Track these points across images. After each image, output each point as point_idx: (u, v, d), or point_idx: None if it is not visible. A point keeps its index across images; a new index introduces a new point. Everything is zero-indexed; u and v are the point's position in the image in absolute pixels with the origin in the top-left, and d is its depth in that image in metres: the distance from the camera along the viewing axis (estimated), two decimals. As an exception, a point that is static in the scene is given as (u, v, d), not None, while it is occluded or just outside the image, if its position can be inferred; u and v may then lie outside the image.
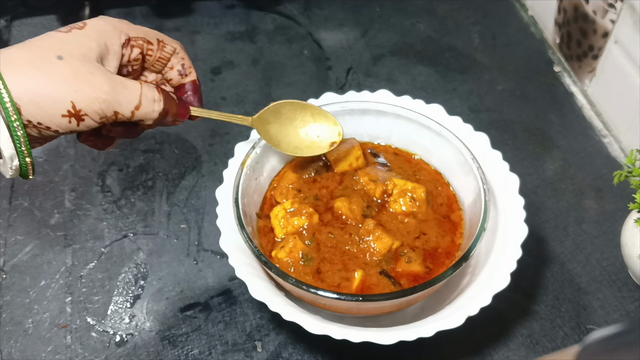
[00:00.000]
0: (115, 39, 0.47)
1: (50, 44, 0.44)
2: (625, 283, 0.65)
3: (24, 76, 0.42)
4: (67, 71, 0.43)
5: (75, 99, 0.43)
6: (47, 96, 0.43)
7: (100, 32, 0.46)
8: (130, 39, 0.48)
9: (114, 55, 0.47)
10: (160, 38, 0.51)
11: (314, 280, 0.55)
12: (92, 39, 0.46)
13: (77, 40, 0.45)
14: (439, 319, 0.52)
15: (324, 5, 0.96)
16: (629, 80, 0.72)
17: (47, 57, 0.43)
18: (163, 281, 0.65)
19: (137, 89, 0.47)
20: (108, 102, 0.45)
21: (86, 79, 0.44)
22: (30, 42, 0.45)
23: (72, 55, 0.44)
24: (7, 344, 0.60)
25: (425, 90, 0.84)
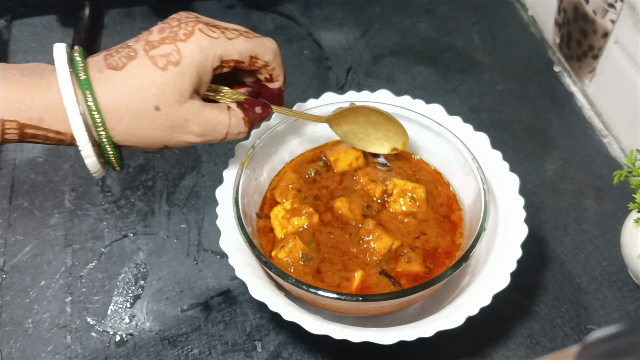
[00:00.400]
0: (208, 69, 0.48)
1: (149, 89, 0.46)
2: (625, 283, 0.65)
3: (124, 126, 0.46)
4: (163, 122, 0.47)
5: (168, 143, 0.49)
6: (143, 140, 0.48)
7: (195, 67, 0.47)
8: (223, 61, 0.49)
9: (206, 80, 0.49)
10: (254, 54, 0.50)
11: (313, 280, 0.55)
12: (188, 77, 0.47)
13: (172, 83, 0.46)
14: (439, 319, 0.52)
15: (324, 5, 0.96)
16: (629, 80, 0.72)
17: (146, 107, 0.46)
18: (163, 281, 0.65)
19: (225, 125, 0.50)
20: (197, 141, 0.50)
21: (180, 128, 0.48)
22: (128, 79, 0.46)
23: (167, 104, 0.46)
24: (7, 344, 0.60)
25: (425, 90, 0.84)
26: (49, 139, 0.46)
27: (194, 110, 0.48)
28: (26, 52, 0.87)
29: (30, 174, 0.73)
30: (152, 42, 0.47)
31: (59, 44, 0.47)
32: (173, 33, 0.48)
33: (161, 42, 0.47)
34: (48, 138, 0.45)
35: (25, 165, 0.74)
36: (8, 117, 0.44)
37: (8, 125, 0.44)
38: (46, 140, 0.46)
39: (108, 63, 0.47)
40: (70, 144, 0.47)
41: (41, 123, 0.44)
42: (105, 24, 0.92)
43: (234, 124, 0.51)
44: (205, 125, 0.49)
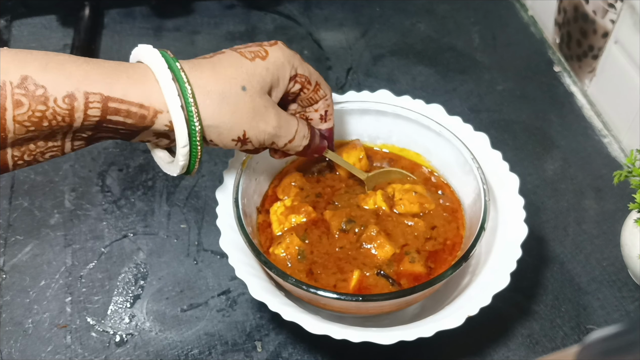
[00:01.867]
0: (286, 73, 0.52)
1: (237, 72, 0.49)
2: (625, 283, 0.65)
3: (210, 101, 0.47)
4: (247, 104, 0.49)
5: (247, 129, 0.49)
6: (226, 122, 0.48)
7: (277, 66, 0.51)
8: (297, 75, 0.53)
9: (282, 87, 0.52)
10: (319, 81, 0.55)
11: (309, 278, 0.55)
12: (270, 72, 0.51)
13: (258, 72, 0.50)
14: (439, 319, 0.52)
15: (324, 5, 0.96)
16: (629, 80, 0.72)
17: (233, 85, 0.48)
18: (163, 281, 0.65)
19: (295, 125, 0.53)
20: (272, 135, 0.51)
21: (261, 114, 0.50)
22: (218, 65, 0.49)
23: (253, 88, 0.49)
24: (7, 344, 0.60)
25: (425, 90, 0.84)
26: (131, 114, 0.45)
27: (272, 103, 0.51)
28: (26, 52, 0.87)
29: (30, 174, 0.73)
30: (239, 47, 0.51)
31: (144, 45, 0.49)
32: (258, 43, 0.52)
33: (248, 46, 0.52)
34: (130, 114, 0.45)
35: (25, 165, 0.74)
36: (91, 90, 0.43)
37: (92, 99, 0.43)
38: (127, 117, 0.45)
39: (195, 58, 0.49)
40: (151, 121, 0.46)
41: (125, 96, 0.44)
42: (105, 24, 0.92)
43: (301, 127, 0.53)
44: (280, 118, 0.51)
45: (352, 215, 0.59)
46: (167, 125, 0.46)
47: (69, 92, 0.42)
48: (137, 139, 0.48)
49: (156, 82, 0.45)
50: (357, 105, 0.64)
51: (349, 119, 0.65)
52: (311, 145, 0.55)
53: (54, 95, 0.42)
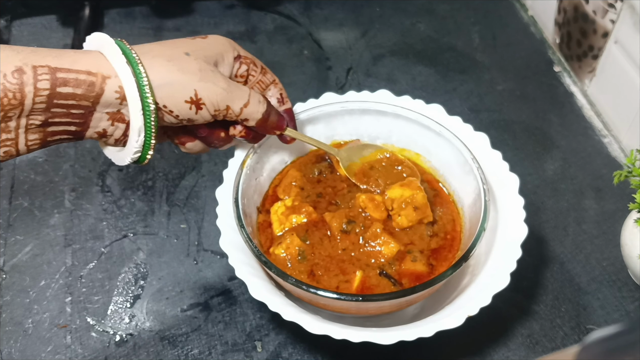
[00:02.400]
0: (229, 51, 0.54)
1: (179, 44, 0.51)
2: (625, 283, 0.65)
3: (158, 63, 0.49)
4: (193, 65, 0.50)
5: (198, 88, 0.50)
6: (176, 81, 0.49)
7: (218, 44, 0.53)
8: (240, 55, 0.55)
9: (227, 65, 0.54)
10: (264, 66, 0.57)
11: (310, 278, 0.55)
12: (212, 48, 0.53)
13: (200, 45, 0.52)
14: (439, 319, 0.52)
15: (324, 5, 0.96)
16: (629, 80, 0.72)
17: (177, 51, 0.50)
18: (163, 281, 0.65)
19: (247, 90, 0.53)
20: (223, 95, 0.51)
21: (208, 73, 0.50)
22: (162, 42, 0.51)
23: (197, 54, 0.51)
24: (7, 344, 0.60)
25: (425, 90, 0.84)
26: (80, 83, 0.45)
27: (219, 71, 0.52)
28: (26, 52, 0.87)
29: (30, 174, 0.73)
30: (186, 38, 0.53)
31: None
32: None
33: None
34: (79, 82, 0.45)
35: (25, 165, 0.74)
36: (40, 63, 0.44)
37: (40, 71, 0.44)
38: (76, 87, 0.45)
39: None
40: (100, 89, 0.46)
41: (73, 65, 0.45)
42: (105, 24, 0.92)
43: (255, 93, 0.54)
44: (230, 83, 0.52)
45: (352, 215, 0.59)
46: (118, 91, 0.47)
47: (17, 66, 0.43)
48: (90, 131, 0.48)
49: (101, 54, 0.47)
50: (357, 105, 0.64)
51: (349, 119, 0.65)
52: (270, 115, 0.55)
53: (3, 71, 0.43)
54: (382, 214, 0.59)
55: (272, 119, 0.55)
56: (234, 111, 0.52)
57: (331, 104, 0.64)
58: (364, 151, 0.64)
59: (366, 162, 0.63)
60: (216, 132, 0.55)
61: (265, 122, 0.55)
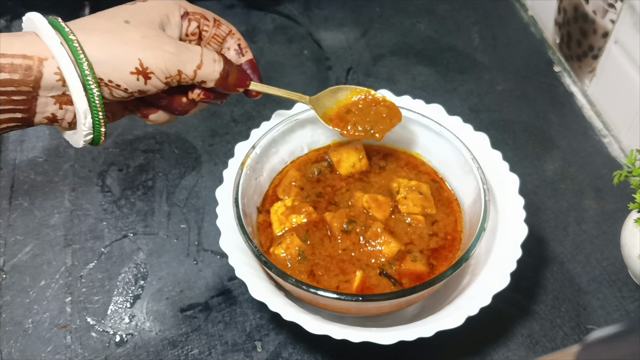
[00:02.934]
0: (175, 10, 0.50)
1: (118, 12, 0.48)
2: (625, 283, 0.64)
3: (95, 37, 0.46)
4: (134, 33, 0.47)
5: (142, 57, 0.46)
6: (117, 54, 0.46)
7: (162, 4, 0.50)
8: (188, 12, 0.52)
9: (175, 25, 0.51)
10: (217, 18, 0.53)
11: (310, 278, 0.55)
12: (155, 9, 0.49)
13: (141, 9, 0.49)
14: (439, 319, 0.52)
15: (324, 5, 0.96)
16: (629, 80, 0.72)
17: (116, 22, 0.47)
18: (163, 281, 0.65)
19: (199, 50, 0.50)
20: (172, 60, 0.48)
21: (152, 39, 0.47)
22: (99, 12, 0.49)
23: (138, 20, 0.48)
24: (7, 344, 0.60)
25: (425, 90, 0.84)
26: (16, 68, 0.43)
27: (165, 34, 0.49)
28: (26, 52, 0.87)
29: (30, 174, 0.73)
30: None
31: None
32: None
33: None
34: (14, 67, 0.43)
35: (25, 165, 0.74)
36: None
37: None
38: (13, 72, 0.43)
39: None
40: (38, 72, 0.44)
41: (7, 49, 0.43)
42: (105, 24, 0.92)
43: (207, 52, 0.50)
44: (178, 45, 0.48)
45: (352, 215, 0.59)
46: (57, 72, 0.45)
47: None
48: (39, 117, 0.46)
49: (37, 36, 0.45)
50: (357, 105, 0.64)
51: (349, 119, 0.65)
52: (229, 73, 0.52)
53: None
54: (384, 213, 0.59)
55: (232, 77, 0.52)
56: (188, 75, 0.49)
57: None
58: (338, 94, 0.61)
59: (342, 106, 0.61)
60: (176, 99, 0.52)
61: (225, 81, 0.52)
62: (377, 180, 0.63)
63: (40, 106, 0.46)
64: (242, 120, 0.79)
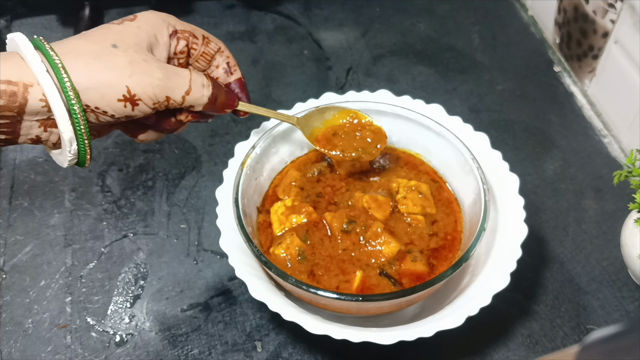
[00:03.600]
0: (163, 30, 0.49)
1: (105, 35, 0.47)
2: (625, 283, 0.65)
3: (82, 63, 0.45)
4: (122, 58, 0.46)
5: (130, 84, 0.46)
6: (103, 81, 0.45)
7: (150, 24, 0.49)
8: (177, 30, 0.51)
9: (163, 45, 0.50)
10: (206, 35, 0.53)
11: (310, 278, 0.55)
12: (143, 30, 0.48)
13: (129, 31, 0.48)
14: (439, 319, 0.52)
15: (324, 5, 0.96)
16: (629, 80, 0.72)
17: (103, 45, 0.46)
18: (163, 281, 0.65)
19: (187, 75, 0.49)
20: (161, 87, 0.47)
21: (140, 65, 0.46)
22: (87, 33, 0.47)
23: (126, 44, 0.47)
24: (7, 344, 0.60)
25: (425, 90, 0.84)
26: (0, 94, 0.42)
27: (153, 58, 0.48)
28: (26, 52, 0.87)
29: (30, 174, 0.73)
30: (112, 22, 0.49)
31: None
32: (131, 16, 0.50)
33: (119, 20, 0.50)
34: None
35: (25, 165, 0.74)
36: None
37: None
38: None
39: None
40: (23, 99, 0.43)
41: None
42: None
43: (196, 77, 0.49)
44: (167, 70, 0.48)
45: (352, 215, 0.59)
46: (42, 99, 0.44)
47: None
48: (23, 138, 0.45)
49: (22, 59, 0.44)
50: (357, 105, 0.64)
51: (349, 119, 0.65)
52: (218, 97, 0.51)
53: None
54: (384, 213, 0.59)
55: (221, 100, 0.52)
56: (176, 101, 0.48)
57: (331, 104, 0.64)
58: (325, 114, 0.61)
59: (329, 127, 0.61)
60: (165, 120, 0.51)
61: (214, 105, 0.51)
62: (377, 180, 0.63)
63: (24, 129, 0.45)
64: (242, 120, 0.79)
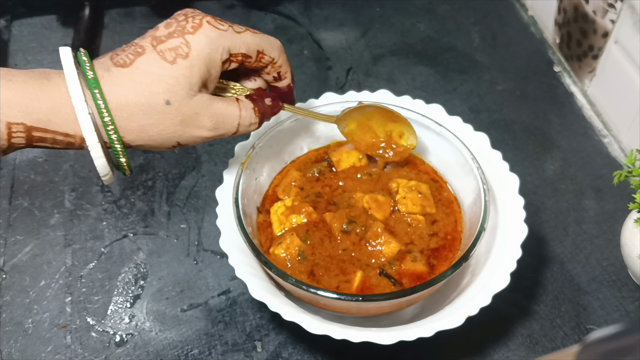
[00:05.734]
0: (217, 60, 0.48)
1: (158, 84, 0.45)
2: (625, 283, 0.65)
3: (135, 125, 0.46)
4: (174, 117, 0.46)
5: (180, 139, 0.48)
6: (154, 139, 0.47)
7: (203, 58, 0.47)
8: (231, 55, 0.49)
9: (215, 75, 0.49)
10: (261, 49, 0.50)
11: (310, 278, 0.55)
12: (196, 70, 0.46)
13: (181, 76, 0.46)
14: (439, 319, 0.52)
15: (324, 5, 0.96)
16: (629, 80, 0.72)
17: (155, 101, 0.45)
18: (163, 281, 0.65)
19: (236, 117, 0.50)
20: (209, 136, 0.49)
21: (191, 121, 0.47)
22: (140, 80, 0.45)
23: (179, 98, 0.46)
24: (7, 344, 0.60)
25: (425, 90, 0.84)
26: (57, 142, 0.45)
27: (204, 103, 0.48)
28: (26, 52, 0.87)
29: (30, 174, 0.73)
30: (160, 37, 0.47)
31: (64, 47, 0.47)
32: (180, 27, 0.47)
33: (169, 37, 0.47)
34: (56, 141, 0.45)
35: (25, 165, 0.74)
36: (14, 120, 0.43)
37: (15, 129, 0.43)
38: (54, 144, 0.45)
39: (115, 62, 0.46)
40: (80, 147, 0.46)
41: (49, 125, 0.44)
42: (105, 24, 0.92)
43: (245, 116, 0.50)
44: (217, 118, 0.48)
45: (352, 215, 0.59)
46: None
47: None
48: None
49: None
50: (357, 105, 0.64)
51: (349, 119, 0.65)
52: (263, 120, 0.52)
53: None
54: (385, 213, 0.59)
55: (266, 117, 0.53)
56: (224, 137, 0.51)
57: (331, 104, 0.64)
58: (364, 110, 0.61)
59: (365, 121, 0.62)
60: None
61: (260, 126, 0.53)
62: (377, 180, 0.63)
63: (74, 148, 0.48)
64: (242, 120, 0.79)
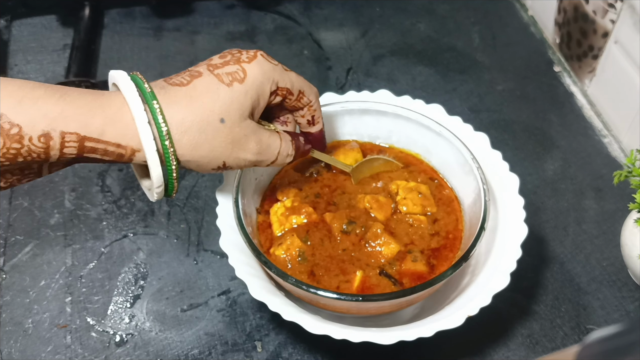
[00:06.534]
0: (267, 91, 0.50)
1: (214, 103, 0.47)
2: (625, 283, 0.65)
3: (188, 139, 0.47)
4: (226, 136, 0.48)
5: (227, 160, 0.49)
6: (204, 157, 0.48)
7: (256, 87, 0.49)
8: (278, 88, 0.51)
9: (263, 105, 0.51)
10: (302, 90, 0.54)
11: (311, 278, 0.55)
12: (249, 96, 0.49)
13: (236, 100, 0.48)
14: (439, 319, 0.52)
15: (324, 5, 0.96)
16: (629, 80, 0.73)
17: (211, 119, 0.47)
18: (163, 281, 0.65)
19: (277, 147, 0.52)
20: (253, 161, 0.51)
21: (240, 143, 0.49)
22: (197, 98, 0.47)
23: (232, 118, 0.48)
24: (7, 344, 0.60)
25: (425, 90, 0.84)
26: (108, 153, 0.45)
27: (252, 129, 0.50)
28: (26, 52, 0.87)
29: (30, 174, 0.73)
30: (216, 64, 0.49)
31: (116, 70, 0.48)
32: (236, 57, 0.50)
33: (225, 64, 0.49)
34: (107, 152, 0.45)
35: (25, 165, 0.74)
36: (68, 130, 0.43)
37: (68, 138, 0.43)
38: (105, 155, 0.45)
39: (171, 82, 0.48)
40: (129, 159, 0.46)
41: (102, 136, 0.44)
42: (105, 24, 0.92)
43: (284, 147, 0.53)
44: (261, 144, 0.51)
45: (352, 216, 0.59)
46: (145, 161, 0.47)
47: (44, 131, 0.42)
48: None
49: (132, 121, 0.45)
50: (357, 105, 0.64)
51: (349, 119, 0.65)
52: (296, 156, 0.55)
53: (29, 134, 0.42)
54: (386, 214, 0.59)
55: (297, 157, 0.55)
56: (261, 166, 0.53)
57: (331, 104, 0.64)
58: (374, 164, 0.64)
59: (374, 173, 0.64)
60: None
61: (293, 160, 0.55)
62: (376, 180, 0.63)
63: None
64: (242, 120, 0.79)
